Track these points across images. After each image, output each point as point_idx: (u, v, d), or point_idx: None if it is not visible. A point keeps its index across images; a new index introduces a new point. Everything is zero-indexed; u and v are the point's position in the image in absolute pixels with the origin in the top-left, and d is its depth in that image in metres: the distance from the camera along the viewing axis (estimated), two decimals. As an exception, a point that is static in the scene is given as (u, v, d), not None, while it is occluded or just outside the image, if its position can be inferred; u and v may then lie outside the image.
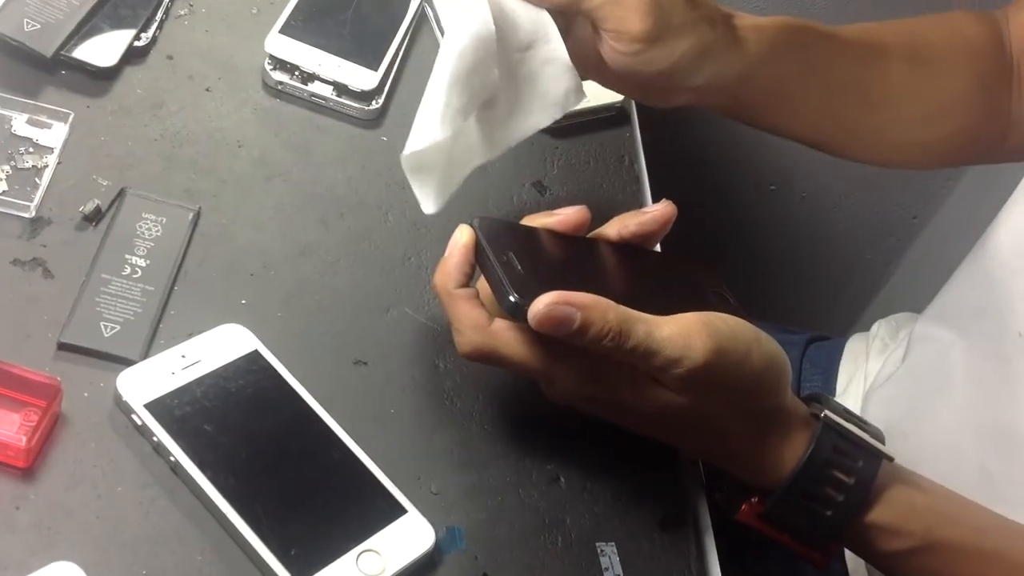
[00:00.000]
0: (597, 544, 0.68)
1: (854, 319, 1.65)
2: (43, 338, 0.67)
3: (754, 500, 0.68)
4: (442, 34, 0.95)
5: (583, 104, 0.94)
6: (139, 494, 0.63)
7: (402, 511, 0.65)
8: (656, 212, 0.72)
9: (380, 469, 0.67)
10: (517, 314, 0.63)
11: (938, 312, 0.92)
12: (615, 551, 0.68)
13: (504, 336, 0.65)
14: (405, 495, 0.66)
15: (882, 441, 0.70)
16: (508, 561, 0.66)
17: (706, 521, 0.74)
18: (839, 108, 0.85)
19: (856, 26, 0.87)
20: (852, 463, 0.67)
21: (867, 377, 0.99)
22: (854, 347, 1.04)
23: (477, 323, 0.66)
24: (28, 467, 0.61)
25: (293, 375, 0.69)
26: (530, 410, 0.74)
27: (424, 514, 0.66)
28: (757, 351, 0.65)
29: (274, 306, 0.74)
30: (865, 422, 0.70)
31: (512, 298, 0.63)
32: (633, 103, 1.00)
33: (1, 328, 0.67)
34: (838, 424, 0.68)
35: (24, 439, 0.60)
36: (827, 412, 0.68)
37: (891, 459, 0.69)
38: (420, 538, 0.65)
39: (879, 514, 0.68)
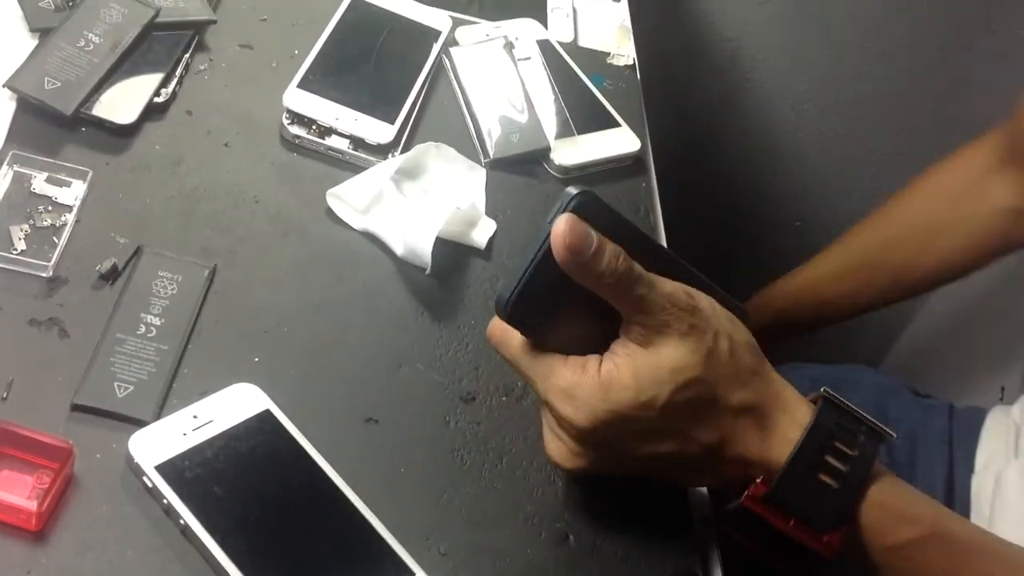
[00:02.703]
0: (606, 606, 0.69)
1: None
2: (58, 399, 0.68)
3: (758, 481, 0.67)
4: (460, 86, 0.96)
5: (600, 155, 0.96)
6: (149, 558, 0.63)
7: (410, 574, 0.66)
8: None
9: (388, 530, 0.67)
10: (499, 307, 0.67)
11: None
12: (624, 613, 0.68)
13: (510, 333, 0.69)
14: (413, 556, 0.66)
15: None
16: (515, 624, 0.67)
17: (716, 569, 0.74)
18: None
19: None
20: (854, 437, 0.68)
21: (1017, 454, 0.99)
22: (997, 421, 1.03)
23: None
24: (39, 531, 0.62)
25: (304, 434, 0.70)
26: (540, 467, 0.74)
27: (432, 576, 0.66)
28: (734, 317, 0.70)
29: (287, 363, 0.75)
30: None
31: (506, 294, 0.66)
32: (650, 151, 1.00)
33: (16, 389, 0.68)
34: (840, 400, 0.69)
35: (36, 503, 0.61)
36: (826, 389, 0.69)
37: (892, 436, 0.70)
38: (427, 601, 0.65)
39: (886, 495, 0.68)
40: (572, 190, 0.66)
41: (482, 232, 0.87)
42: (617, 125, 0.99)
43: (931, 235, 1.10)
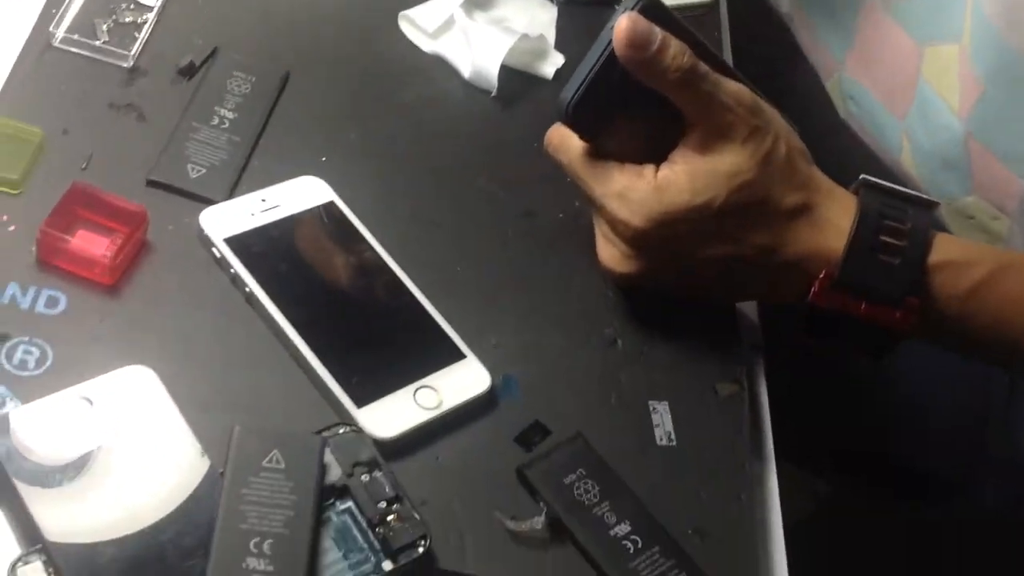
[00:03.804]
0: (650, 402, 0.70)
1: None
2: (133, 175, 0.71)
3: (822, 275, 0.68)
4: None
5: (673, 1, 0.96)
6: (215, 319, 0.66)
7: (461, 356, 0.68)
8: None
9: (443, 318, 0.69)
10: (559, 109, 0.68)
11: None
12: (667, 409, 0.70)
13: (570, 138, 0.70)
14: (466, 344, 0.69)
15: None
16: (560, 412, 0.68)
17: (761, 387, 0.75)
18: None
19: None
20: (904, 213, 0.69)
21: None
22: None
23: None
24: (113, 284, 0.65)
25: (366, 227, 0.72)
26: (594, 278, 0.76)
27: (483, 363, 0.68)
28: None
29: (354, 165, 0.77)
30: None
31: (568, 96, 0.67)
32: (724, 2, 1.00)
33: (95, 163, 0.71)
34: (878, 183, 0.70)
35: (110, 257, 0.64)
36: (864, 175, 0.70)
37: (938, 203, 0.70)
38: (477, 381, 0.67)
39: (946, 252, 0.69)
40: None
41: (551, 63, 0.88)
42: (693, -28, 0.99)
43: None
